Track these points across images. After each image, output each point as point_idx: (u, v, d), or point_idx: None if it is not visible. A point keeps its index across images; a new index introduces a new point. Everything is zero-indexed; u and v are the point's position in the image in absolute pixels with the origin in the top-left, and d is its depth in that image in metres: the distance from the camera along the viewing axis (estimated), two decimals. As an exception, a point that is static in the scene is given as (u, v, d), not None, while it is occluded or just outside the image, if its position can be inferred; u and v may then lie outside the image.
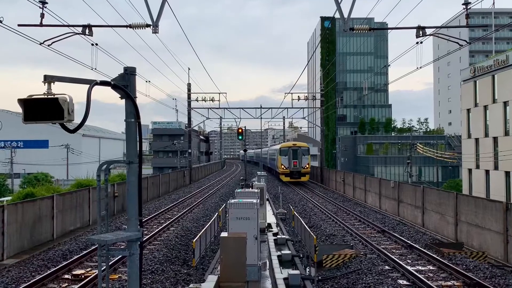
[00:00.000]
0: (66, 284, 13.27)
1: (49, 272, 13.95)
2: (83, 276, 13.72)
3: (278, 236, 18.51)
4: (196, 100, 50.34)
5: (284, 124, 77.38)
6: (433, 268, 14.52)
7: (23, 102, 4.76)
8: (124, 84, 5.79)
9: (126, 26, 14.82)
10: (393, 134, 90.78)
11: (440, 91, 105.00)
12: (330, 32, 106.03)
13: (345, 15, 14.45)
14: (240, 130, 38.15)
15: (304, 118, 54.15)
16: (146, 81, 29.34)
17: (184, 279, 13.65)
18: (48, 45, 14.49)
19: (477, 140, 41.55)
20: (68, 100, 4.74)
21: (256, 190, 16.93)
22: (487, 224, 16.85)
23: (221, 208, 22.00)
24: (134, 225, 5.88)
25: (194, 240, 13.86)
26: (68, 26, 14.79)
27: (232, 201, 12.98)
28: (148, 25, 14.15)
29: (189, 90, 53.43)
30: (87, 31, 14.70)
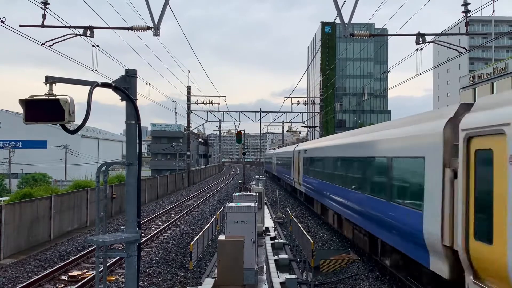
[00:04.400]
0: (62, 285, 13.24)
1: (45, 272, 13.93)
2: (79, 277, 13.70)
3: (275, 240, 18.50)
4: (195, 103, 50.39)
5: (283, 128, 77.36)
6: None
7: (24, 102, 4.78)
8: (125, 86, 5.82)
9: (128, 29, 14.84)
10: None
11: (440, 97, 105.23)
12: (330, 37, 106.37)
13: (346, 21, 14.50)
14: (239, 134, 38.13)
15: (303, 122, 54.16)
16: (146, 83, 29.38)
17: (181, 282, 13.64)
18: (50, 46, 14.52)
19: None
20: (69, 101, 4.76)
21: (254, 194, 16.96)
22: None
23: (219, 211, 21.98)
24: (133, 227, 5.89)
25: (192, 243, 13.85)
26: (70, 27, 14.82)
27: (230, 204, 13.00)
28: (149, 28, 14.18)
29: (188, 92, 53.48)
30: (88, 32, 14.73)
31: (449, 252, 7.99)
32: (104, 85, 5.40)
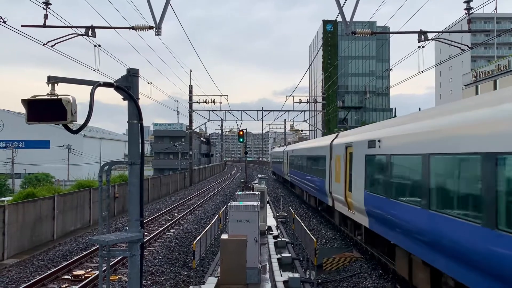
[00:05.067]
0: (66, 285, 13.28)
1: (49, 272, 13.97)
2: (83, 277, 13.73)
3: (278, 239, 18.50)
4: (197, 102, 50.38)
5: (285, 127, 77.35)
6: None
7: (27, 102, 4.78)
8: (127, 85, 5.82)
9: (129, 28, 14.85)
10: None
11: (442, 95, 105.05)
12: (332, 35, 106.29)
13: (347, 19, 14.47)
14: (241, 133, 38.13)
15: (305, 121, 54.13)
16: (148, 83, 29.40)
17: (184, 281, 13.65)
18: (51, 46, 14.54)
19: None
20: (71, 101, 4.76)
21: (256, 193, 16.95)
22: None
23: (222, 210, 22.00)
24: (135, 226, 5.90)
25: (194, 242, 13.85)
26: (72, 27, 14.84)
27: (233, 203, 13.00)
28: (150, 27, 14.19)
29: (190, 92, 53.51)
30: (90, 32, 14.74)
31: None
32: (106, 84, 5.40)
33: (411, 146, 10.44)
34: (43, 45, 14.43)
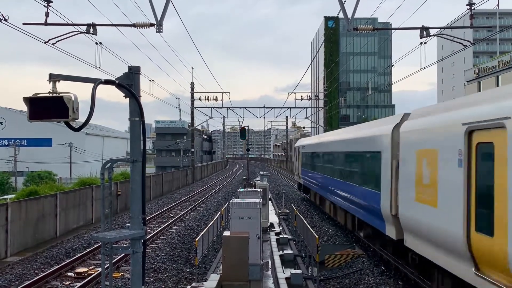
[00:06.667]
0: (69, 282, 13.33)
1: (52, 269, 14.02)
2: (86, 274, 13.78)
3: (280, 236, 18.52)
4: (199, 99, 50.37)
5: (287, 124, 77.37)
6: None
7: (28, 100, 4.79)
8: (129, 83, 5.82)
9: (130, 25, 14.84)
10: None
11: (444, 91, 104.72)
12: (333, 32, 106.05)
13: (349, 15, 14.43)
14: (242, 129, 38.05)
15: (307, 118, 54.09)
16: (150, 80, 29.41)
17: (186, 278, 13.68)
18: (53, 44, 14.54)
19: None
20: (73, 99, 4.77)
21: (258, 190, 16.97)
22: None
23: (224, 207, 22.03)
24: (138, 223, 5.91)
25: (197, 239, 13.89)
26: (73, 25, 14.84)
27: (235, 200, 13.01)
28: (152, 25, 14.18)
29: (192, 89, 53.48)
30: (91, 30, 14.74)
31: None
32: (108, 82, 5.40)
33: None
34: (45, 43, 14.44)
